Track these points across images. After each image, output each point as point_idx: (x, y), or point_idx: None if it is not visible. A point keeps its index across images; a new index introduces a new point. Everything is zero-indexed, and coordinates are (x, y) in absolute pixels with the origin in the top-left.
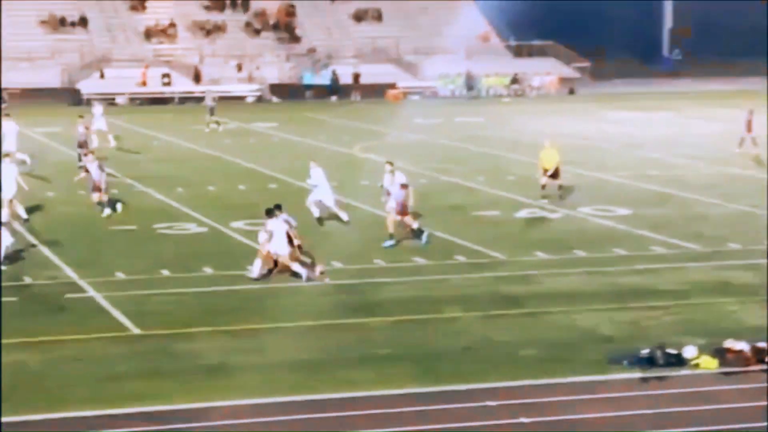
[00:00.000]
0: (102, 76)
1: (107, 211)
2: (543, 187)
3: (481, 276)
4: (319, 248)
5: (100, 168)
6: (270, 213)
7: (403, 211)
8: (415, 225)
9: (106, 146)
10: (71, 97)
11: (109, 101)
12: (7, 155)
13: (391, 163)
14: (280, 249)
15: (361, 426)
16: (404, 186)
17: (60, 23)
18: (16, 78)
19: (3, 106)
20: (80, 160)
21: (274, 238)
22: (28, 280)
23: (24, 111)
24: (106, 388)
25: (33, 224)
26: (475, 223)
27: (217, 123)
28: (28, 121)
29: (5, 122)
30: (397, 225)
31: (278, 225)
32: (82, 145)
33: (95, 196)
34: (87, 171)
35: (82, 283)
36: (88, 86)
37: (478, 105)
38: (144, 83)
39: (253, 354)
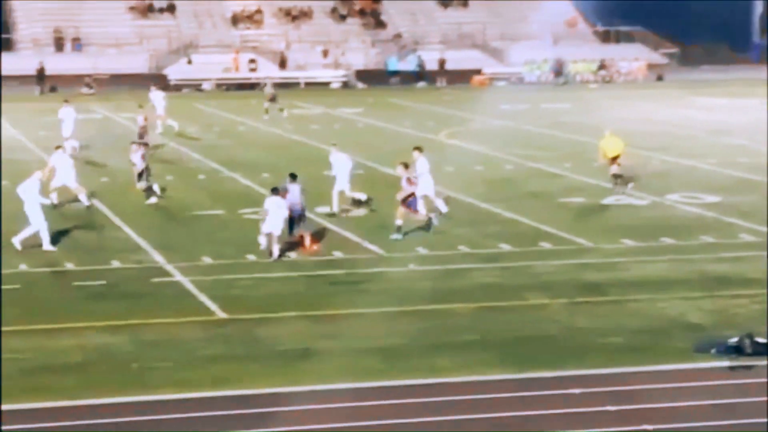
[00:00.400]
0: (189, 61)
1: (152, 199)
2: (614, 176)
3: (566, 263)
4: (403, 233)
5: (143, 158)
6: (275, 191)
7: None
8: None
9: (172, 130)
10: (158, 83)
11: (195, 87)
12: (59, 147)
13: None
14: (274, 228)
15: (444, 413)
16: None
17: (148, 9)
18: (104, 64)
19: (90, 91)
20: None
21: (269, 216)
22: (115, 264)
23: (111, 96)
24: (191, 371)
25: (121, 208)
26: (560, 209)
27: (281, 110)
28: (115, 106)
29: (64, 108)
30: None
31: (274, 203)
32: (142, 135)
33: (139, 185)
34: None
35: (169, 267)
36: (175, 72)
37: (565, 91)
38: (236, 68)
39: (337, 339)
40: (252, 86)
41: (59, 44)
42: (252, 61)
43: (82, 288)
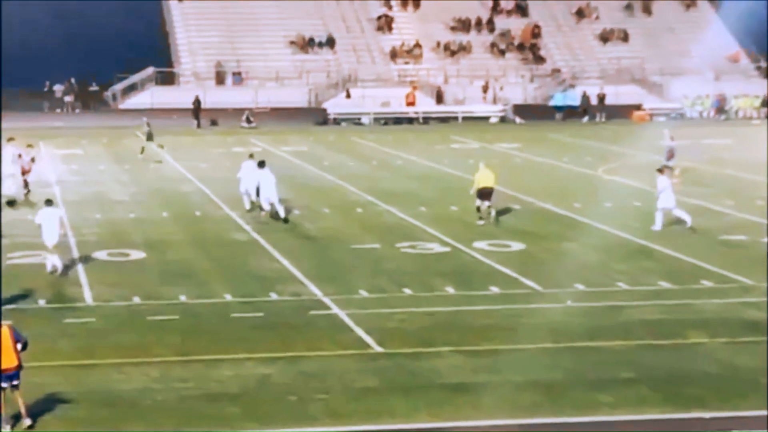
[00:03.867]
0: (348, 95)
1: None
2: None
3: (727, 301)
4: (561, 269)
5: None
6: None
7: None
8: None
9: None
10: (317, 117)
11: (354, 121)
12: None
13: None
14: None
15: None
16: None
17: (308, 44)
18: (265, 97)
19: (250, 125)
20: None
21: None
22: (273, 295)
23: (271, 130)
24: (347, 404)
25: (278, 240)
26: (721, 246)
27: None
28: (275, 139)
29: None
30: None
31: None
32: None
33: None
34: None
35: (326, 300)
36: (334, 106)
37: (727, 126)
38: (412, 103)
39: (494, 374)
40: (410, 120)
41: (220, 78)
42: (409, 95)
43: (241, 319)
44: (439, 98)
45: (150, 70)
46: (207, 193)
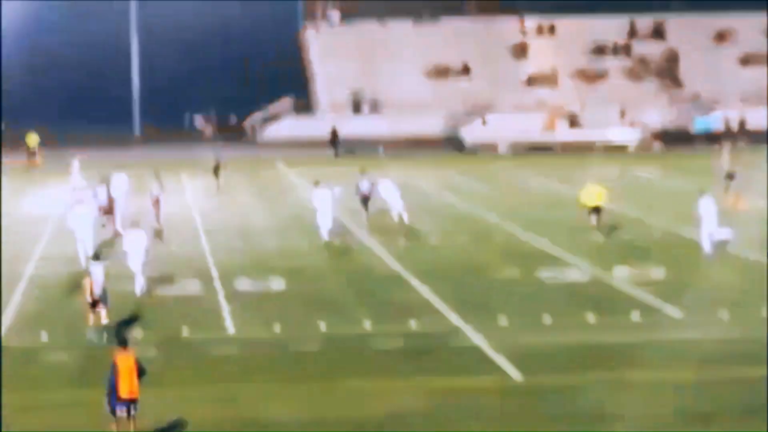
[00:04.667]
0: (484, 123)
1: None
2: None
3: None
4: (703, 296)
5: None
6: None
7: None
8: None
9: None
10: (454, 145)
11: (490, 148)
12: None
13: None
14: None
15: None
16: None
17: (443, 72)
18: (401, 126)
19: (388, 153)
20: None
21: None
22: (413, 325)
23: (408, 158)
24: None
25: (418, 269)
26: None
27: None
28: (412, 168)
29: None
30: None
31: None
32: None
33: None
34: None
35: (467, 329)
36: (470, 133)
37: None
38: (551, 129)
39: (638, 404)
40: (547, 147)
41: (357, 107)
42: (547, 121)
43: (381, 348)
44: (576, 124)
45: (288, 101)
46: (346, 223)
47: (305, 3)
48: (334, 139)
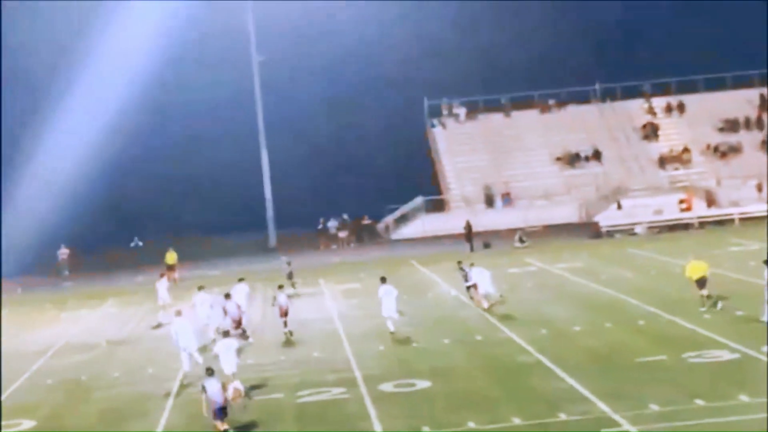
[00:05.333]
0: (619, 207)
1: None
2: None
3: None
4: None
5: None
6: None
7: None
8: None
9: None
10: (590, 231)
11: (627, 231)
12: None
13: None
14: None
15: None
16: None
17: (574, 158)
18: (535, 215)
19: (523, 245)
20: None
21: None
22: (563, 416)
23: (545, 247)
24: None
25: (563, 359)
26: None
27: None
28: (550, 257)
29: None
30: None
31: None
32: None
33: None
34: None
35: (616, 416)
36: (605, 218)
37: None
38: (688, 208)
39: None
40: (685, 226)
41: (489, 200)
42: (682, 201)
43: None
44: (712, 201)
45: (420, 200)
46: (486, 316)
47: (431, 103)
48: (469, 233)
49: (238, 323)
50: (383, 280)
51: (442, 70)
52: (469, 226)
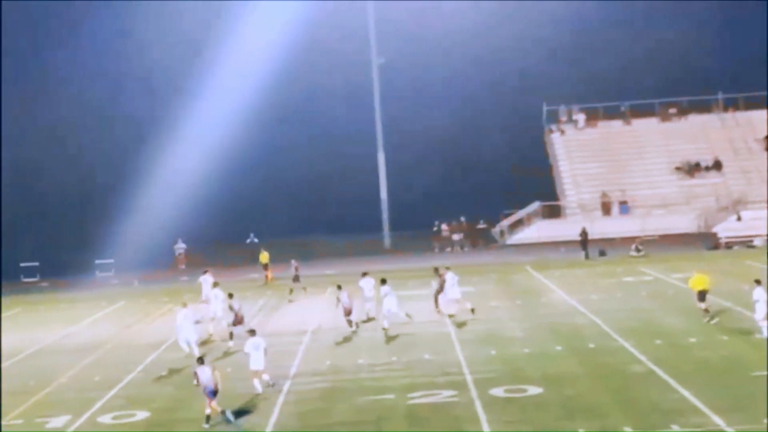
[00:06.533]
0: (739, 218)
1: None
2: None
3: None
4: None
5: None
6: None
7: None
8: None
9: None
10: (708, 242)
11: (746, 243)
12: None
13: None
14: None
15: None
16: None
17: (694, 168)
18: (653, 224)
19: (639, 254)
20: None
21: None
22: (675, 428)
23: (662, 257)
24: None
25: (677, 370)
26: None
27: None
28: (666, 267)
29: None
30: None
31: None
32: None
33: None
34: None
35: (730, 430)
36: (724, 229)
37: None
38: None
39: None
40: None
41: (606, 208)
42: None
43: None
44: None
45: (536, 205)
46: (599, 325)
47: (549, 108)
48: (585, 240)
49: (348, 312)
50: (383, 281)
51: (562, 75)
52: (585, 233)
